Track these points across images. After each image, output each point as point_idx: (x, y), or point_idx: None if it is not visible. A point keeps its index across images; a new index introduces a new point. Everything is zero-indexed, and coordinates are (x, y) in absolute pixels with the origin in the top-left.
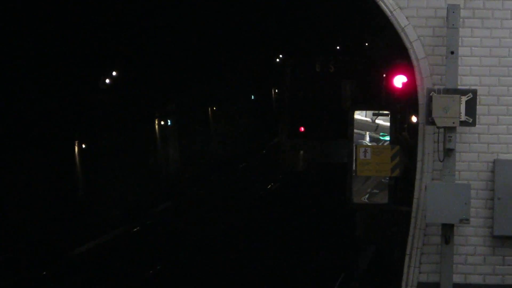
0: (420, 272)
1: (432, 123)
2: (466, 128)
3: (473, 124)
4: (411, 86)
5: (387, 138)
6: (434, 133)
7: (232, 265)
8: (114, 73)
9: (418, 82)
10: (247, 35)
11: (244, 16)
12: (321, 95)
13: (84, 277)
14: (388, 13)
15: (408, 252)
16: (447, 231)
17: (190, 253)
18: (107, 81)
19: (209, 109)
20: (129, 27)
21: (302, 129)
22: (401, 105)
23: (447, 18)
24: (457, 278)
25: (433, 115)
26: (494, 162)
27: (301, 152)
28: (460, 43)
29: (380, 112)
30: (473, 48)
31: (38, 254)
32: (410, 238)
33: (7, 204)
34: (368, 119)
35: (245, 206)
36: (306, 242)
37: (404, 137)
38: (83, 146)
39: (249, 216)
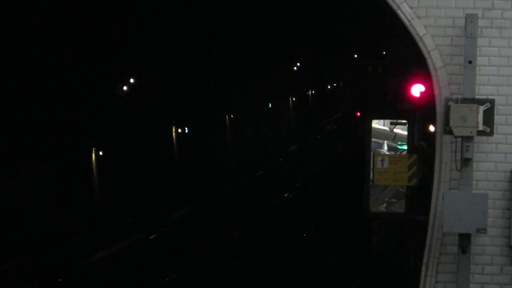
0: (436, 282)
1: (450, 132)
2: (484, 138)
3: (491, 133)
4: (428, 95)
5: (405, 147)
6: (451, 143)
7: (248, 270)
8: (131, 80)
9: (436, 91)
10: (266, 45)
11: (264, 27)
12: (372, 89)
13: (100, 284)
14: (406, 22)
15: (425, 261)
16: (464, 240)
17: (202, 262)
18: (125, 88)
19: (227, 116)
20: (146, 35)
21: (358, 114)
22: (418, 114)
23: (465, 27)
24: None
25: (451, 124)
26: (511, 172)
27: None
28: (478, 53)
29: (398, 121)
30: (491, 57)
31: (55, 260)
32: (427, 248)
33: (25, 210)
34: (386, 128)
35: (260, 215)
36: (322, 249)
37: (422, 146)
38: (100, 153)
39: (264, 224)
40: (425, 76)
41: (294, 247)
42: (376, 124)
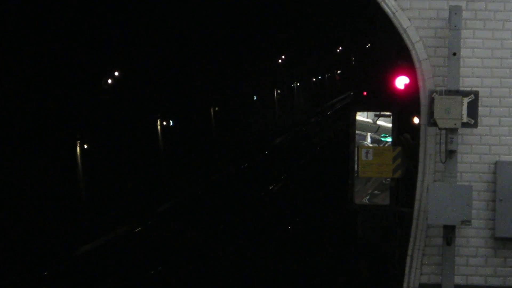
0: (421, 274)
1: (434, 124)
2: (468, 130)
3: (475, 125)
4: (413, 87)
5: (388, 139)
6: (436, 135)
7: (234, 262)
8: (116, 73)
9: (420, 83)
10: (251, 37)
11: (249, 20)
12: (376, 72)
13: (86, 277)
14: (390, 14)
15: (409, 253)
16: (449, 232)
17: (186, 255)
18: (109, 81)
19: (211, 109)
20: (132, 27)
21: (365, 93)
22: (403, 106)
23: (449, 19)
24: (458, 280)
25: (435, 116)
26: (495, 163)
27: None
28: (462, 45)
29: (382, 113)
30: (475, 49)
31: (40, 254)
32: (411, 240)
33: (9, 203)
34: (370, 120)
35: (245, 207)
36: (307, 242)
37: (406, 138)
38: (85, 146)
39: (249, 216)
40: (409, 68)
41: (279, 239)
42: (360, 116)
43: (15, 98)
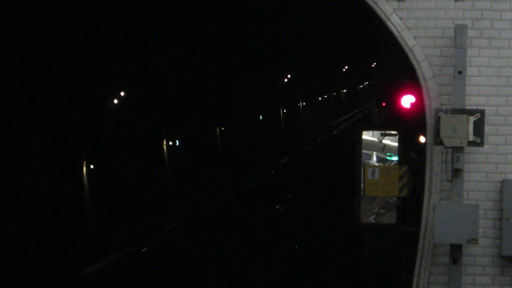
0: None
1: (440, 143)
2: (474, 148)
3: (481, 144)
4: (419, 106)
5: (394, 158)
6: (442, 153)
7: (240, 282)
8: (122, 94)
9: (426, 102)
10: (258, 57)
11: (256, 40)
12: (381, 90)
13: None
14: (396, 33)
15: (416, 272)
16: (456, 251)
17: (193, 275)
18: (115, 101)
19: (217, 129)
20: (138, 46)
21: (384, 104)
22: (409, 125)
23: (454, 38)
24: None
25: (441, 135)
26: (502, 182)
27: None
28: (467, 63)
29: (388, 132)
30: (480, 68)
31: (46, 274)
32: (418, 258)
33: (15, 224)
34: (375, 139)
35: (251, 225)
36: (313, 261)
37: (412, 157)
38: (91, 166)
39: (256, 235)
40: (415, 87)
41: (285, 258)
42: (365, 135)
43: (21, 117)
